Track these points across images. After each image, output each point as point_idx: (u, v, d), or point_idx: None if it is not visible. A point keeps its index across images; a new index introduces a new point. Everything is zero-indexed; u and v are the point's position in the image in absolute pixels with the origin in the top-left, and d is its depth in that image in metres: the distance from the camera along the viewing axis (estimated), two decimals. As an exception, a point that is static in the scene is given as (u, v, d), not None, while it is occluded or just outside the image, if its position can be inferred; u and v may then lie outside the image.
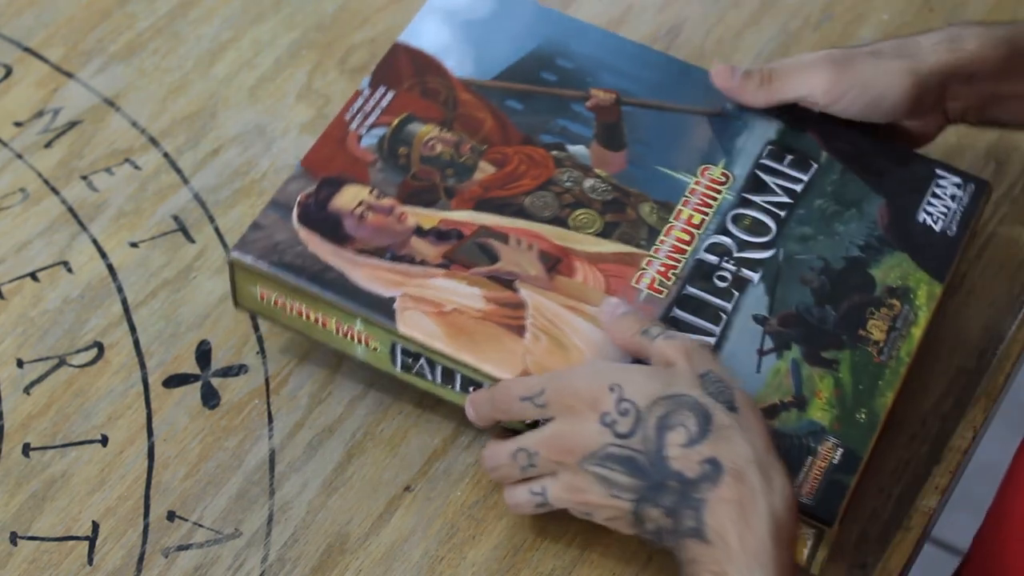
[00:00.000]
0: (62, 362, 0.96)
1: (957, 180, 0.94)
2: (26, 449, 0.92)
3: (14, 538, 0.87)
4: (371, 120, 0.95)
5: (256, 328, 0.97)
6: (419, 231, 0.89)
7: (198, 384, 0.94)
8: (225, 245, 1.02)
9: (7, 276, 1.01)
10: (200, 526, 0.87)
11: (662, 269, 0.88)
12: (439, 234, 0.89)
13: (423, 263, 0.87)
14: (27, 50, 1.15)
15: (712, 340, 0.86)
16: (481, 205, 0.91)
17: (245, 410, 0.93)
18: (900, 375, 0.85)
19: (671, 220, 0.91)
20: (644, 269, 0.88)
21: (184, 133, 1.09)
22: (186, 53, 1.15)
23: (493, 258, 0.88)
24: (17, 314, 0.98)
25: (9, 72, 1.14)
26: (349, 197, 0.91)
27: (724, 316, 0.87)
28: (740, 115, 0.96)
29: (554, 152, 0.94)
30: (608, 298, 0.86)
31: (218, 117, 1.10)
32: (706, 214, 0.91)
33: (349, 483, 0.89)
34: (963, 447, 0.90)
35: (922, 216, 0.92)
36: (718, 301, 0.87)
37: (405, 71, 0.97)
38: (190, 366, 0.95)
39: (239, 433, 0.92)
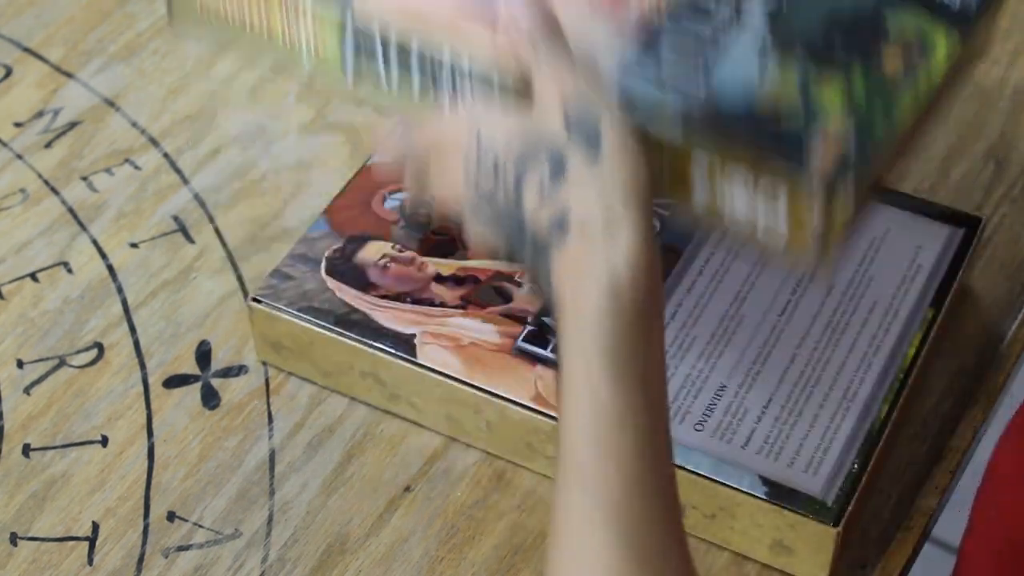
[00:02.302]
0: (62, 362, 0.96)
1: None
2: (26, 449, 0.92)
3: (14, 538, 0.87)
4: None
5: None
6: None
7: (198, 384, 0.94)
8: (225, 245, 1.02)
9: (7, 276, 1.01)
10: (200, 526, 0.87)
11: None
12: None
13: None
14: (27, 50, 1.15)
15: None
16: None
17: (245, 410, 0.93)
18: (921, 99, 0.77)
19: None
20: None
21: (184, 133, 1.09)
22: (186, 53, 1.15)
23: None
24: (17, 314, 0.98)
25: (9, 72, 1.14)
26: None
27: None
28: None
29: None
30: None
31: (218, 117, 1.10)
32: None
33: (349, 483, 0.89)
34: (963, 447, 0.89)
35: None
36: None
37: None
38: (190, 366, 0.95)
39: (239, 433, 0.92)
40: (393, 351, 0.89)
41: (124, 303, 0.99)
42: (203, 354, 0.96)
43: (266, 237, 1.02)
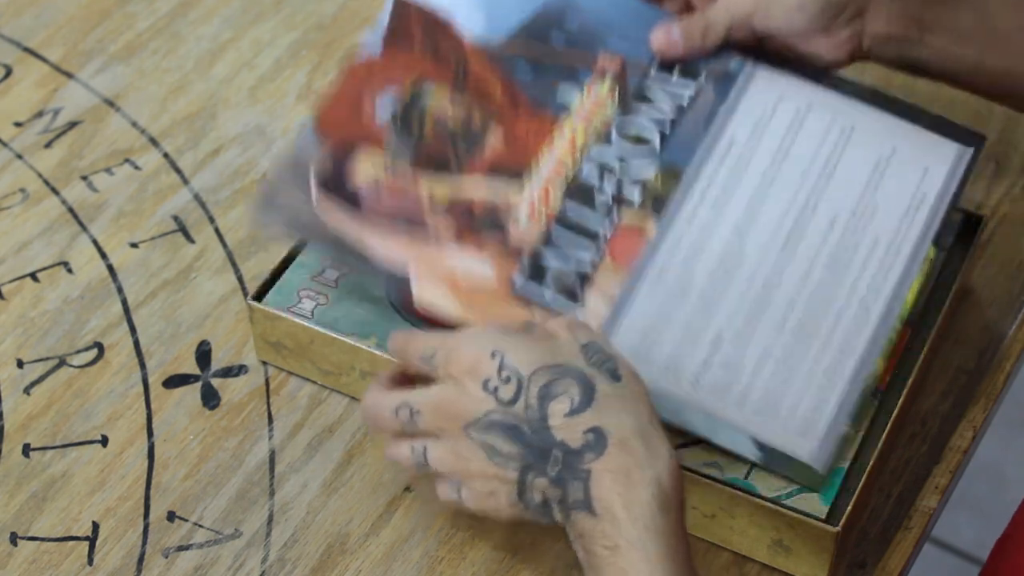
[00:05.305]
0: (62, 362, 0.96)
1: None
2: (26, 449, 0.92)
3: (14, 538, 0.87)
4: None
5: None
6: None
7: (198, 384, 0.94)
8: (225, 245, 1.02)
9: (7, 276, 1.01)
10: (200, 526, 0.87)
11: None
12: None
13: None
14: (27, 50, 1.15)
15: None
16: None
17: (245, 410, 0.93)
18: None
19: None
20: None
21: (184, 133, 1.09)
22: (186, 53, 1.15)
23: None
24: (17, 314, 0.98)
25: (9, 72, 1.14)
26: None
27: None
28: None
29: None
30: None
31: (218, 117, 1.10)
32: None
33: (349, 483, 0.89)
34: (963, 447, 0.89)
35: None
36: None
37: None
38: (190, 366, 0.95)
39: (239, 433, 0.92)
40: (387, 284, 0.86)
41: (124, 303, 0.99)
42: (203, 354, 0.96)
43: (266, 237, 1.02)
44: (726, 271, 0.87)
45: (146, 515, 0.88)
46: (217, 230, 1.03)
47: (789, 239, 0.88)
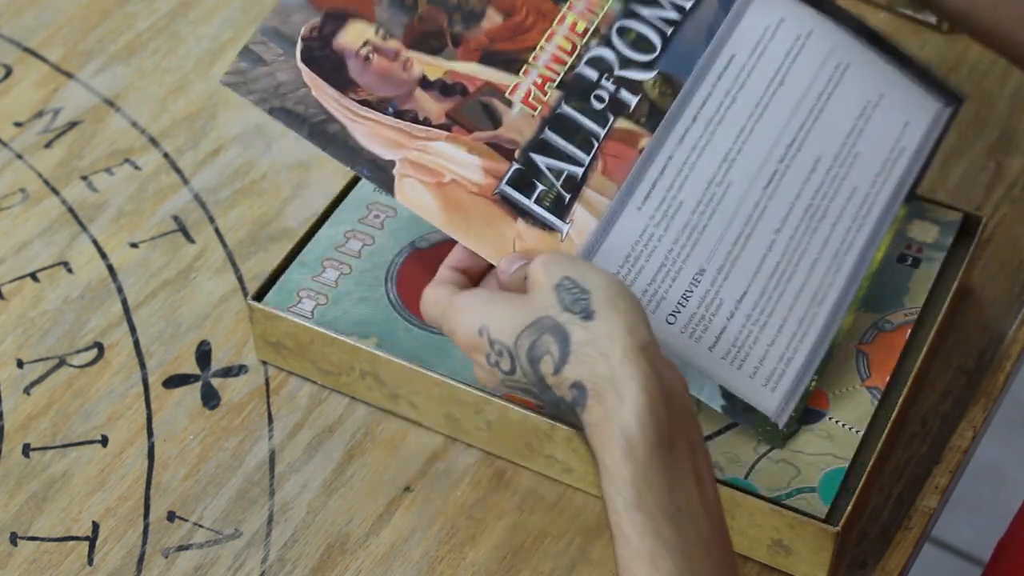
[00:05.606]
0: (62, 362, 0.96)
1: None
2: (26, 449, 0.92)
3: (14, 538, 0.87)
4: None
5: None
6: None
7: (198, 384, 0.94)
8: (225, 245, 1.02)
9: (7, 276, 1.01)
10: (200, 526, 0.87)
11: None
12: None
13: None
14: (27, 50, 1.15)
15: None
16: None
17: (245, 410, 0.93)
18: None
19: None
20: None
21: (184, 133, 1.09)
22: (186, 53, 1.15)
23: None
24: (17, 314, 0.98)
25: (9, 72, 1.14)
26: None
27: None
28: None
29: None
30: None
31: (218, 117, 1.10)
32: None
33: (349, 483, 0.89)
34: (963, 447, 0.90)
35: None
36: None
37: None
38: (190, 366, 0.95)
39: (239, 433, 0.92)
40: (371, 182, 0.83)
41: (124, 303, 0.99)
42: (203, 354, 0.96)
43: (266, 237, 1.02)
44: (711, 199, 0.84)
45: (146, 515, 0.88)
46: (217, 230, 1.03)
47: (774, 176, 0.86)
